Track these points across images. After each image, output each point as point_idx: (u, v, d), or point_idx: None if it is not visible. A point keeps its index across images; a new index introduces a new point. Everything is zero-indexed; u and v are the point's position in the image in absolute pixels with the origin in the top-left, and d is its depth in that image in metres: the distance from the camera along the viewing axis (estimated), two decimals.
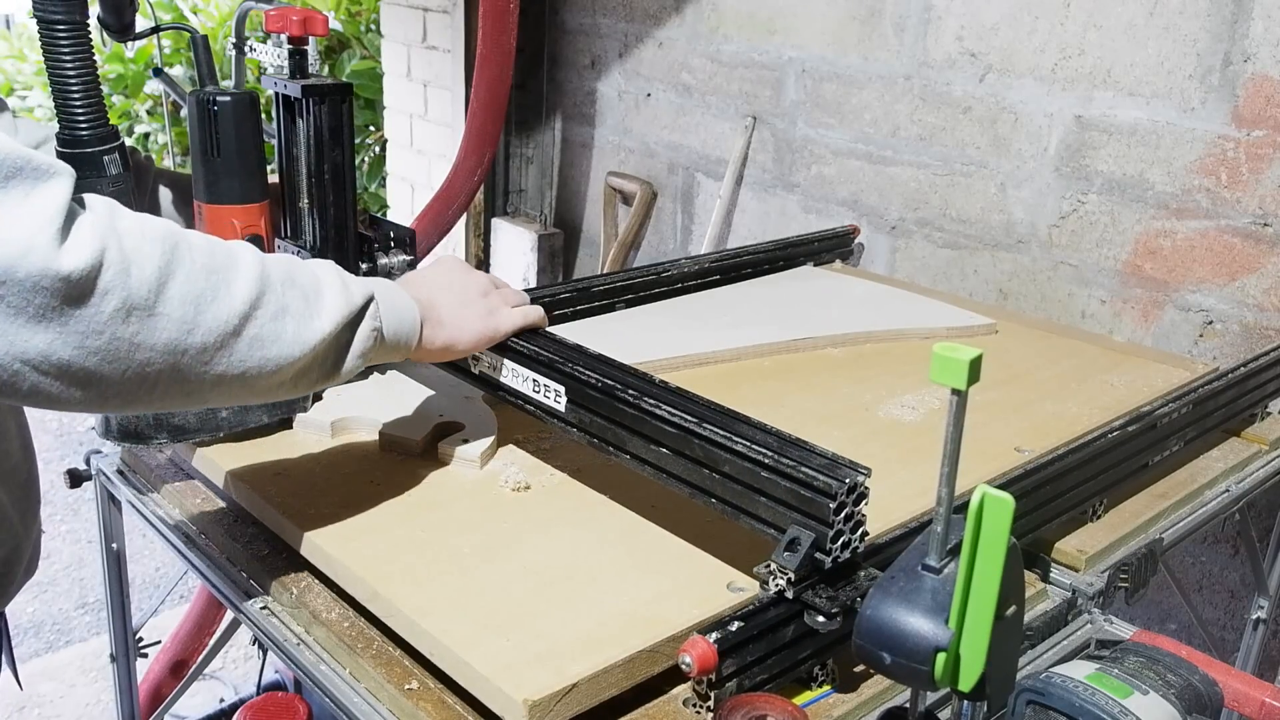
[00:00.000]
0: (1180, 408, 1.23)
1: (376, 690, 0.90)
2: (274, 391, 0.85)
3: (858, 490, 0.86)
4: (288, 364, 0.83)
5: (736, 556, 0.99)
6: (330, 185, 1.25)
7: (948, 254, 1.97)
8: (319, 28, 1.22)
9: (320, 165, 1.23)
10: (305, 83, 1.21)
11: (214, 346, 0.77)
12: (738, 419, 0.96)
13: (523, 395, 1.11)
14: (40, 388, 0.70)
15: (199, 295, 0.76)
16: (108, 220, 0.72)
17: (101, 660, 2.62)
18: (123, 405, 0.76)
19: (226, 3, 5.07)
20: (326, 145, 1.23)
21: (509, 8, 2.38)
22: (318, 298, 0.86)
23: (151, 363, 0.74)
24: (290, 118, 1.24)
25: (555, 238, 2.82)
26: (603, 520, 1.06)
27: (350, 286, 0.90)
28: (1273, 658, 1.64)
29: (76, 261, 0.69)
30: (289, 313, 0.83)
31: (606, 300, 1.56)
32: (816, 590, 0.86)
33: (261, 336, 0.80)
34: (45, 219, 0.68)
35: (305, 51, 1.23)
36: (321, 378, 0.89)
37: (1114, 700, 0.78)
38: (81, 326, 0.70)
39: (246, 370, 0.80)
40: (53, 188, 0.69)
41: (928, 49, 1.93)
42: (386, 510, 1.06)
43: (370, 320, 0.91)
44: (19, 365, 0.68)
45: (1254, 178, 1.57)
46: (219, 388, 0.80)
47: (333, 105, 1.22)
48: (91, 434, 1.12)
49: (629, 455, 1.01)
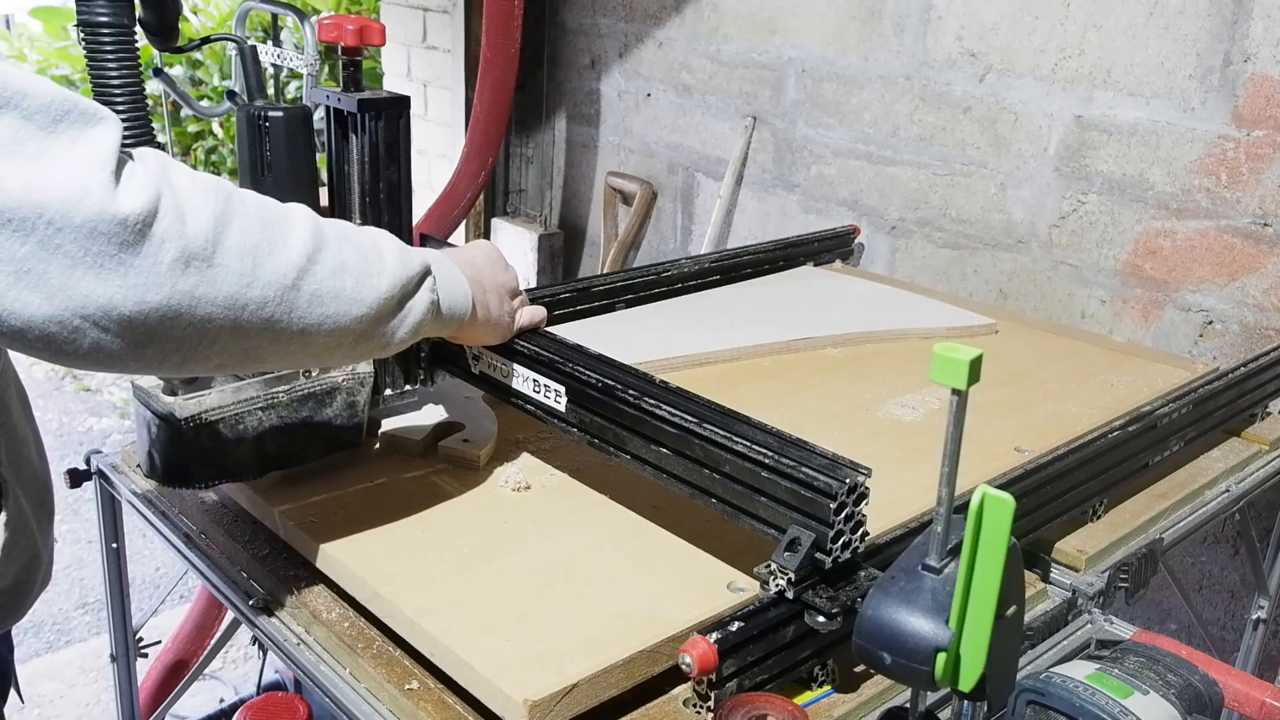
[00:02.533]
0: (1180, 408, 1.23)
1: (376, 690, 0.90)
2: (332, 353, 0.83)
3: (858, 490, 0.86)
4: (347, 323, 0.81)
5: (736, 557, 0.99)
6: (385, 205, 1.17)
7: (948, 254, 1.97)
8: (376, 37, 1.14)
9: (375, 183, 1.16)
10: (361, 96, 1.13)
11: (273, 301, 0.75)
12: (738, 419, 0.96)
13: (523, 395, 1.11)
14: (100, 345, 0.67)
15: (256, 246, 0.74)
16: (159, 168, 0.70)
17: (101, 660, 2.62)
18: (180, 365, 0.73)
19: (227, 3, 5.07)
20: (382, 162, 1.15)
21: (513, 10, 2.38)
22: (378, 257, 0.84)
23: (213, 318, 0.72)
24: (343, 133, 1.16)
25: (555, 238, 2.82)
26: (603, 520, 1.06)
27: (409, 252, 0.88)
28: (1273, 658, 1.64)
29: (133, 204, 0.66)
30: (347, 269, 0.81)
31: (606, 300, 1.56)
32: (817, 590, 0.85)
33: (320, 292, 0.78)
34: (97, 162, 0.66)
35: (359, 63, 1.15)
36: (380, 345, 0.87)
37: (1114, 700, 0.78)
38: (141, 278, 0.67)
39: (306, 327, 0.78)
40: (102, 131, 0.67)
41: (928, 49, 1.93)
42: (387, 510, 1.06)
43: (427, 290, 0.90)
44: (79, 321, 0.66)
45: (1254, 178, 1.57)
46: (277, 345, 0.78)
47: (390, 120, 1.14)
48: (91, 434, 1.12)
49: (629, 455, 1.01)
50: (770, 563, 0.86)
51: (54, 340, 0.66)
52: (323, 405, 1.09)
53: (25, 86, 0.65)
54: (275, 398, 1.06)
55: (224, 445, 1.04)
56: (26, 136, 0.64)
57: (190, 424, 1.01)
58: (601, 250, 2.68)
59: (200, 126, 5.17)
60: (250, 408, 1.04)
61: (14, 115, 0.64)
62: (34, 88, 0.65)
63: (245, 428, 1.04)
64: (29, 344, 0.66)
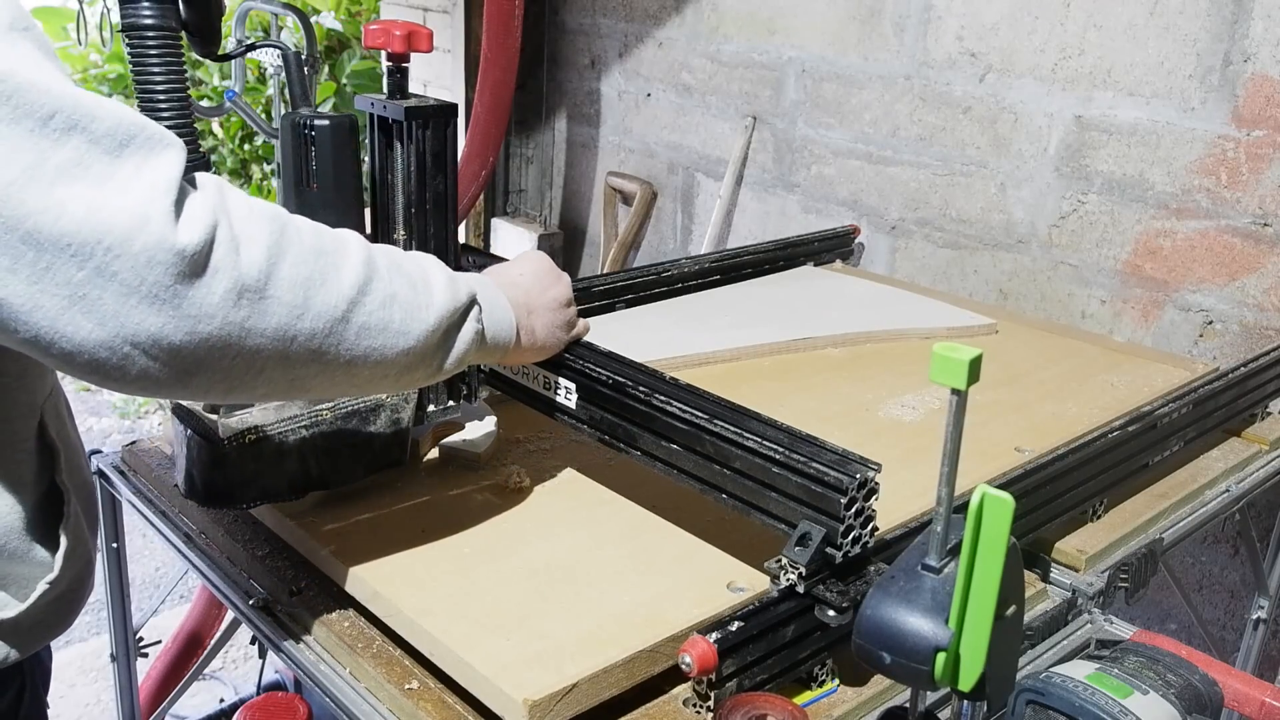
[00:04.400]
0: (1180, 408, 1.23)
1: (376, 690, 0.90)
2: (378, 384, 0.83)
3: (868, 485, 0.87)
4: (394, 356, 0.80)
5: (736, 557, 0.99)
6: (432, 216, 1.13)
7: (948, 254, 1.97)
8: (424, 43, 1.10)
9: (421, 194, 1.12)
10: (408, 104, 1.09)
11: (322, 333, 0.75)
12: (749, 415, 0.97)
13: (533, 392, 1.11)
14: (148, 372, 0.67)
15: (308, 278, 0.73)
16: (218, 197, 0.69)
17: (101, 660, 2.62)
18: (226, 393, 0.73)
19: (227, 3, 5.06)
20: (429, 172, 1.11)
21: (513, 10, 2.38)
22: (426, 289, 0.83)
23: (261, 350, 0.71)
24: (387, 141, 1.12)
25: (555, 238, 2.82)
26: (603, 520, 1.06)
27: (456, 282, 0.87)
28: (1273, 658, 1.64)
29: (191, 236, 0.66)
30: (397, 301, 0.80)
31: (606, 300, 1.56)
32: (827, 585, 0.86)
33: (369, 325, 0.78)
34: (160, 191, 0.65)
35: (406, 69, 1.11)
36: (425, 376, 0.87)
37: (1114, 700, 0.78)
38: (194, 310, 0.66)
39: (354, 359, 0.78)
40: (167, 157, 0.67)
41: (928, 49, 1.93)
42: (387, 510, 1.06)
43: (473, 321, 0.89)
44: (129, 349, 0.65)
45: (1254, 178, 1.57)
46: (324, 376, 0.77)
47: (437, 128, 1.11)
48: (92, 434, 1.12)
49: (640, 452, 1.02)
50: (781, 557, 0.86)
51: (102, 365, 0.66)
52: (367, 423, 1.06)
53: (94, 109, 0.65)
54: (319, 415, 1.02)
55: (266, 465, 1.00)
56: (92, 160, 0.64)
57: (233, 443, 0.98)
58: (601, 250, 2.68)
59: (201, 126, 5.16)
60: (294, 426, 1.01)
61: (82, 138, 0.64)
62: (102, 111, 0.65)
63: (288, 447, 1.01)
64: (77, 367, 0.66)
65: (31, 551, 0.84)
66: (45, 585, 0.84)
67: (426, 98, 1.13)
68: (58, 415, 0.88)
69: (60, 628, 0.90)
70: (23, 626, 0.84)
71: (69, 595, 0.89)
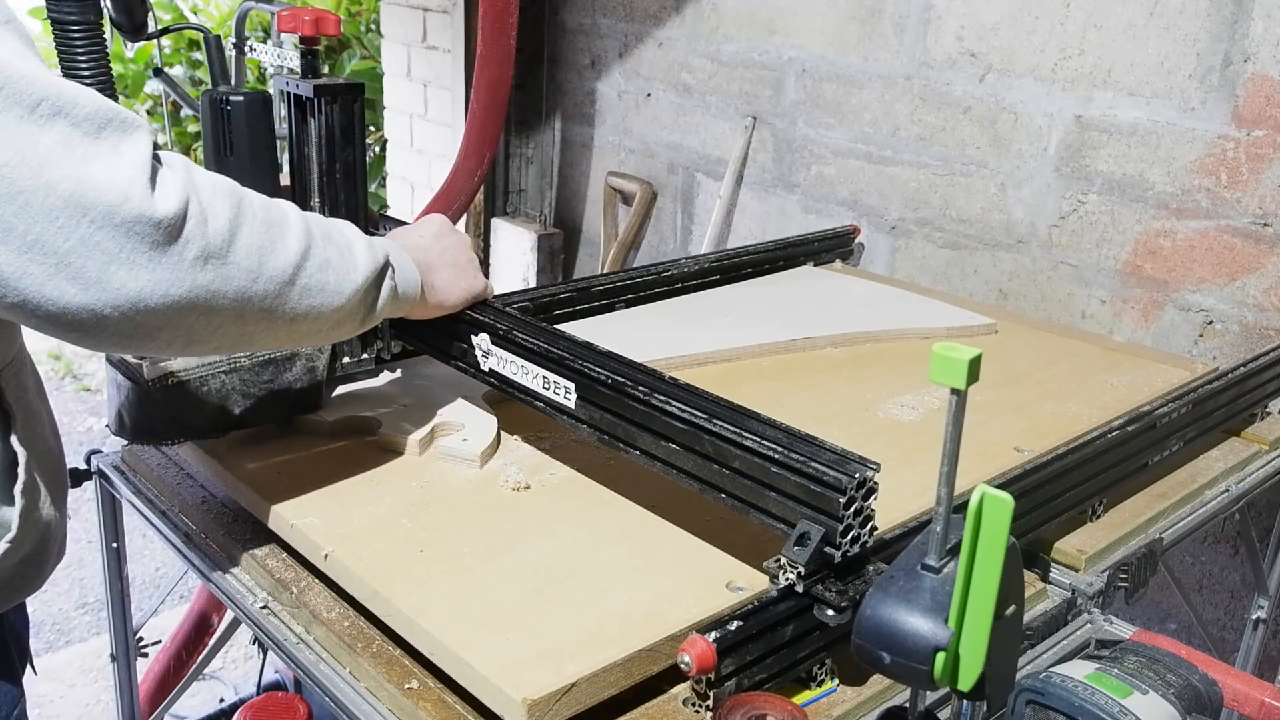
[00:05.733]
0: (1180, 408, 1.23)
1: (376, 690, 0.90)
2: (313, 337, 0.93)
3: (867, 485, 0.87)
4: (329, 312, 0.90)
5: (735, 556, 0.99)
6: (342, 184, 1.27)
7: (948, 254, 1.97)
8: (331, 28, 1.24)
9: (332, 164, 1.25)
10: (317, 82, 1.22)
11: (273, 294, 0.84)
12: (748, 415, 0.97)
13: (532, 392, 1.11)
14: (121, 330, 0.75)
15: (261, 246, 0.82)
16: (185, 174, 0.77)
17: (101, 660, 2.62)
18: (185, 348, 0.81)
19: (227, 3, 5.07)
20: (338, 144, 1.24)
21: (509, 8, 2.38)
22: (350, 253, 0.93)
23: (221, 309, 0.80)
24: (302, 117, 1.25)
25: (555, 238, 2.82)
26: (602, 520, 1.06)
27: (373, 246, 0.97)
28: (1273, 658, 1.64)
29: (167, 208, 0.74)
30: (330, 265, 0.90)
31: (606, 300, 1.56)
32: (826, 584, 0.86)
33: (310, 286, 0.87)
34: (138, 168, 0.73)
35: (317, 51, 1.25)
36: (351, 329, 0.97)
37: (1114, 700, 0.78)
38: (167, 275, 0.74)
39: (295, 316, 0.87)
40: (139, 139, 0.74)
41: (928, 49, 1.93)
42: (386, 510, 1.06)
43: (389, 280, 0.99)
44: (109, 310, 0.73)
45: (1254, 178, 1.57)
46: (270, 332, 0.87)
47: (345, 104, 1.24)
48: (91, 434, 1.12)
49: (639, 451, 1.02)
50: (780, 557, 0.86)
51: (83, 325, 0.73)
52: (283, 370, 1.16)
53: (75, 97, 0.71)
54: (238, 361, 1.13)
55: (189, 405, 1.11)
56: (75, 142, 0.71)
57: (156, 385, 1.08)
58: (601, 250, 2.68)
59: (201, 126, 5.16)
60: (214, 370, 1.11)
61: (65, 123, 0.70)
62: (82, 98, 0.72)
63: (209, 389, 1.12)
64: (58, 327, 0.73)
65: None
66: (6, 544, 0.91)
67: (335, 78, 1.25)
68: (18, 383, 0.93)
69: (27, 590, 0.97)
70: None
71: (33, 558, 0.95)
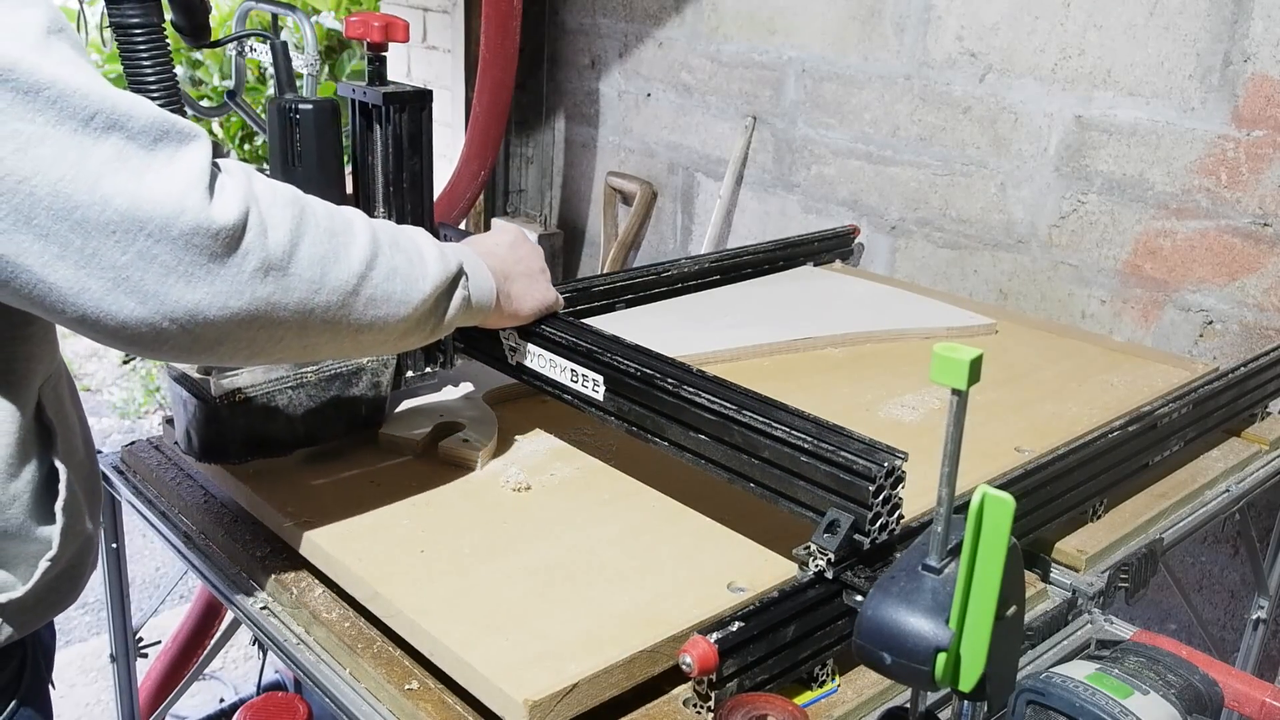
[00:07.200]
0: (1180, 408, 1.23)
1: (376, 690, 0.90)
2: (380, 347, 0.92)
3: (895, 474, 0.88)
4: (395, 322, 0.89)
5: (737, 557, 0.99)
6: (408, 194, 1.23)
7: (948, 254, 1.97)
8: (400, 34, 1.19)
9: (399, 173, 1.21)
10: (386, 90, 1.18)
11: (336, 305, 0.82)
12: (776, 406, 0.98)
13: (560, 385, 1.12)
14: (180, 343, 0.74)
15: (324, 256, 0.81)
16: (246, 183, 0.76)
17: (101, 660, 2.61)
18: (248, 359, 0.81)
19: (227, 3, 5.07)
20: (405, 153, 1.21)
21: (512, 9, 2.38)
22: (421, 262, 0.91)
23: (283, 321, 0.79)
24: (367, 125, 1.21)
25: (555, 238, 2.82)
26: (603, 520, 1.06)
27: (445, 253, 0.96)
28: (1273, 658, 1.64)
29: (226, 218, 0.72)
30: (398, 274, 0.88)
31: (606, 300, 1.56)
32: (855, 571, 0.87)
33: (375, 297, 0.86)
34: (194, 178, 0.71)
35: (384, 58, 1.21)
36: (420, 339, 0.96)
37: (1114, 700, 0.78)
38: (226, 286, 0.73)
39: (361, 326, 0.86)
40: (196, 149, 0.73)
41: (928, 49, 1.93)
42: (386, 510, 1.06)
43: (461, 288, 0.97)
44: (167, 324, 0.72)
45: (1254, 178, 1.57)
46: (334, 343, 0.85)
47: (413, 112, 1.21)
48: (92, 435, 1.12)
49: (668, 442, 1.03)
50: (809, 544, 0.87)
51: (142, 338, 0.73)
52: (349, 385, 1.15)
53: (130, 109, 0.70)
54: (304, 377, 1.11)
55: (256, 422, 1.09)
56: (130, 155, 0.70)
57: (224, 401, 1.06)
58: (601, 250, 2.68)
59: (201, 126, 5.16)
60: (281, 386, 1.09)
61: (120, 136, 0.69)
62: (137, 109, 0.71)
63: (276, 405, 1.10)
64: (118, 341, 0.73)
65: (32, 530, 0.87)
66: (46, 563, 0.88)
67: (404, 84, 1.21)
68: (56, 397, 0.91)
69: (63, 605, 0.93)
70: (27, 605, 0.87)
71: (70, 572, 0.93)
